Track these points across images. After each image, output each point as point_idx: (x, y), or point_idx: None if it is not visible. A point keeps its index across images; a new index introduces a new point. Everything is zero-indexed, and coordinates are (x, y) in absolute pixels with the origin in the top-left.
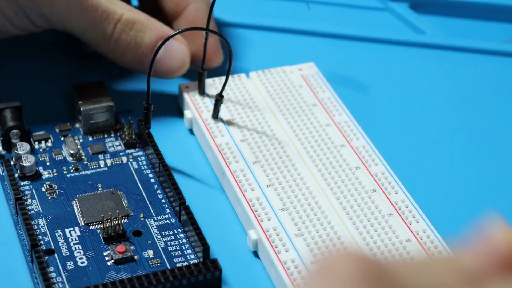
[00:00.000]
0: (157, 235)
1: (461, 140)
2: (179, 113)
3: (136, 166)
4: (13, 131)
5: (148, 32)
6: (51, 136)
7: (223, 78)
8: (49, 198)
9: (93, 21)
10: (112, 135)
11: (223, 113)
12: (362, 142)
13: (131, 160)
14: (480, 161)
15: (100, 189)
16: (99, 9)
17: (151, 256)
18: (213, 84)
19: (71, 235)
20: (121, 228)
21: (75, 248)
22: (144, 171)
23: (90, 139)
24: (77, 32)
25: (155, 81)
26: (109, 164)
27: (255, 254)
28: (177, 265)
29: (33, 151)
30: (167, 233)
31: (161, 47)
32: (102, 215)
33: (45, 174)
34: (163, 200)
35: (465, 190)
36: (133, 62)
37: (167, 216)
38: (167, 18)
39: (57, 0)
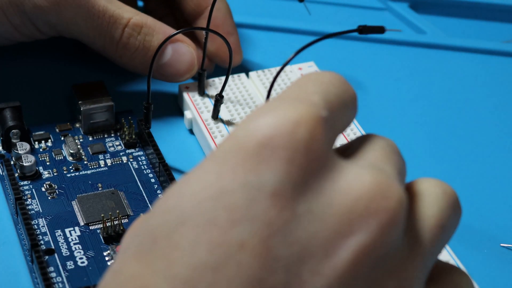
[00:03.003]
0: None
1: (461, 140)
2: (179, 113)
3: (136, 166)
4: (13, 131)
5: (156, 35)
6: (51, 136)
7: (223, 78)
8: (49, 198)
9: (100, 26)
10: (112, 135)
11: (223, 113)
12: None
13: (131, 160)
14: (480, 161)
15: (100, 189)
16: (106, 14)
17: None
18: (213, 84)
19: (71, 235)
20: (121, 228)
21: (75, 248)
22: (144, 171)
23: (90, 139)
24: (85, 39)
25: (155, 81)
26: (109, 164)
27: None
28: None
29: (33, 151)
30: None
31: (161, 46)
32: (102, 215)
33: (45, 174)
34: None
35: (465, 190)
36: (142, 66)
37: None
38: (186, 19)
39: (64, 7)
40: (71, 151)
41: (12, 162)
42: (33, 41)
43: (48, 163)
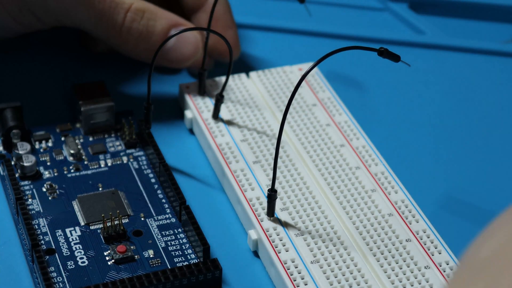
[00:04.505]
0: (158, 235)
1: (461, 140)
2: (180, 113)
3: (137, 166)
4: (13, 131)
5: (159, 20)
6: (51, 136)
7: (223, 78)
8: (49, 198)
9: (102, 12)
10: (113, 135)
11: (223, 113)
12: (362, 142)
13: (131, 160)
14: (480, 161)
15: (100, 189)
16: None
17: (151, 256)
18: (213, 84)
19: (71, 235)
20: (122, 228)
21: (75, 248)
22: (145, 171)
23: (91, 139)
24: (86, 26)
25: (155, 82)
26: (109, 164)
27: (255, 254)
28: (178, 264)
29: (33, 151)
30: (167, 233)
31: (168, 40)
32: (102, 215)
33: (46, 174)
34: (163, 200)
35: (465, 190)
36: (146, 52)
37: (167, 216)
38: (186, 12)
39: None
40: (72, 151)
41: (12, 162)
42: (33, 41)
43: (48, 163)
